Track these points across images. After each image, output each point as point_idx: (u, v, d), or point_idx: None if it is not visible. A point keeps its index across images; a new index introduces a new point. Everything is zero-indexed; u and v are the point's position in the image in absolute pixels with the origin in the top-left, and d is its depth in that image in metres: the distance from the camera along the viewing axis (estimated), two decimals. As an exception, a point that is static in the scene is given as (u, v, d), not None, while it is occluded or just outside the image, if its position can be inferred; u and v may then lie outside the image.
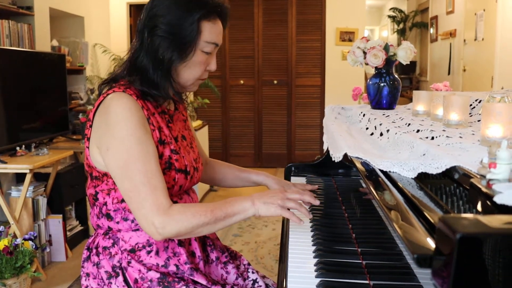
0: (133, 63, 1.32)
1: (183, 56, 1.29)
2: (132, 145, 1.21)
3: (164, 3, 1.29)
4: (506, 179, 0.83)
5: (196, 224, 1.20)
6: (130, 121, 1.22)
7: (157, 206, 1.18)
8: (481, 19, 5.76)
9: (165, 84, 1.30)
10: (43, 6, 3.94)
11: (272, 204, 1.26)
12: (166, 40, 1.27)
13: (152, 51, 1.28)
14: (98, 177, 1.32)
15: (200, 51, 1.31)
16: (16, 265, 2.70)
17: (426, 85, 8.13)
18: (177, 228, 1.18)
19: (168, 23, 1.27)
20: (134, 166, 1.20)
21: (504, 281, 0.61)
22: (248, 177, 1.67)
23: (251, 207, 1.25)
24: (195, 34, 1.28)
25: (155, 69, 1.28)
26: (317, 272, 1.17)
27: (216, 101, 6.15)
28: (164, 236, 1.19)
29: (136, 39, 1.33)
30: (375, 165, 1.18)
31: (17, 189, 3.12)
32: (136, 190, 1.19)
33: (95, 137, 1.28)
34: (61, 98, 3.82)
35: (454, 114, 1.34)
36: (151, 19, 1.29)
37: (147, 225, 1.19)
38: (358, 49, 1.90)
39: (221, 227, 1.24)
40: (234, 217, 1.24)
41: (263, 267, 3.22)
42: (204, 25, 1.29)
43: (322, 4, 6.02)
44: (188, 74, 1.33)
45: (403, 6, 10.08)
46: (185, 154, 1.37)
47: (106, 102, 1.26)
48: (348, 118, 2.02)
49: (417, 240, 0.76)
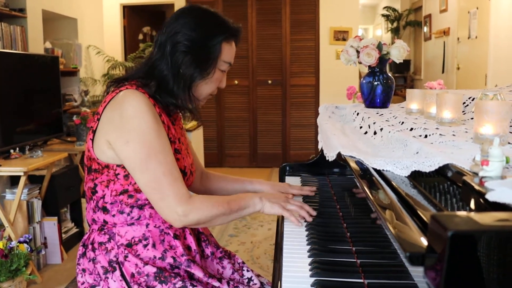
0: (151, 70, 1.38)
1: (204, 74, 1.38)
2: (153, 138, 1.27)
3: (190, 22, 1.37)
4: (498, 176, 0.84)
5: (215, 214, 1.32)
6: (148, 115, 1.28)
7: (179, 196, 1.27)
8: (474, 17, 5.78)
9: (183, 96, 1.37)
10: (35, 8, 3.92)
11: (276, 204, 1.42)
12: (189, 57, 1.35)
13: (175, 65, 1.35)
14: (97, 170, 1.34)
15: (218, 69, 1.40)
16: (11, 268, 2.69)
17: (420, 84, 8.15)
18: (198, 217, 1.29)
19: (193, 41, 1.35)
20: (156, 159, 1.27)
21: (496, 278, 0.61)
22: (243, 188, 1.72)
23: (259, 202, 1.41)
24: (218, 54, 1.38)
25: (175, 81, 1.35)
26: (311, 271, 1.17)
27: (210, 101, 6.12)
28: (185, 224, 1.29)
29: (157, 49, 1.39)
30: (368, 163, 1.18)
31: (11, 191, 3.11)
32: (158, 181, 1.26)
33: (105, 130, 1.32)
34: (55, 100, 3.81)
35: (447, 112, 1.35)
36: (175, 34, 1.36)
37: (170, 214, 1.27)
38: (351, 48, 1.90)
39: (233, 219, 1.39)
40: (245, 210, 1.39)
41: (259, 267, 3.22)
42: (224, 46, 1.39)
43: (315, 4, 6.03)
44: (205, 89, 1.42)
45: (397, 5, 10.10)
46: (185, 156, 1.43)
47: (120, 97, 1.31)
48: (342, 117, 2.03)
49: (410, 238, 0.77)
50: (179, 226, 1.30)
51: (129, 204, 1.32)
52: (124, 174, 1.31)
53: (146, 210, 1.34)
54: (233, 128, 6.35)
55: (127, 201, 1.32)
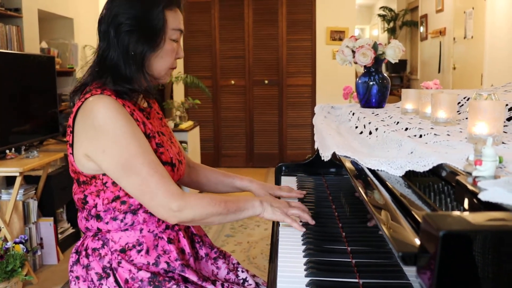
0: (102, 64, 1.34)
1: (154, 46, 1.33)
2: (129, 142, 1.24)
3: (124, 0, 1.32)
4: (491, 176, 0.84)
5: (211, 212, 1.28)
6: (119, 119, 1.24)
7: (170, 192, 1.24)
8: (470, 17, 5.79)
9: (139, 77, 1.33)
10: (31, 8, 3.91)
11: (277, 209, 1.38)
12: (135, 34, 1.30)
13: (122, 47, 1.31)
14: (86, 182, 1.32)
15: (169, 39, 1.35)
16: (7, 269, 2.68)
17: (416, 84, 8.16)
18: (193, 213, 1.26)
19: (134, 18, 1.31)
20: (137, 161, 1.23)
21: (488, 278, 0.61)
22: (232, 182, 1.69)
23: (259, 206, 1.36)
24: (162, 23, 1.33)
25: (126, 64, 1.31)
26: (307, 271, 1.17)
27: (207, 101, 6.14)
28: (180, 219, 1.26)
29: (101, 40, 1.35)
30: (363, 163, 1.18)
31: (7, 192, 3.10)
32: (145, 182, 1.23)
33: (81, 142, 1.28)
34: (51, 100, 3.80)
35: (442, 112, 1.35)
36: (115, 18, 1.31)
37: (164, 211, 1.24)
38: (347, 48, 1.90)
39: (230, 220, 1.34)
40: (244, 212, 1.34)
41: (256, 267, 3.22)
42: (167, 14, 1.34)
43: (312, 4, 6.03)
44: (161, 64, 1.37)
45: (393, 5, 10.11)
46: (168, 147, 1.39)
47: (87, 106, 1.27)
48: (338, 117, 2.03)
49: (403, 238, 0.77)
50: (174, 222, 1.27)
51: (122, 211, 1.31)
52: (112, 181, 1.29)
53: (139, 215, 1.32)
54: (229, 128, 6.35)
55: (120, 208, 1.30)
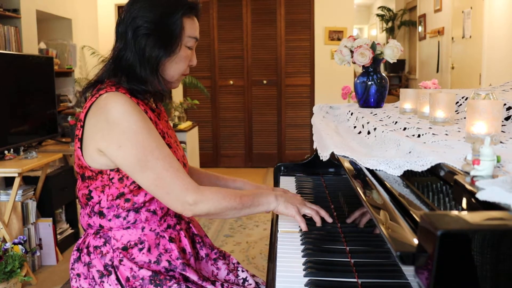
0: (117, 63, 1.35)
1: (170, 52, 1.34)
2: (145, 137, 1.25)
3: (145, 4, 1.34)
4: (489, 175, 0.84)
5: (225, 207, 1.30)
6: (135, 115, 1.26)
7: (186, 186, 1.26)
8: (469, 17, 5.80)
9: (153, 80, 1.34)
10: (29, 8, 3.91)
11: (292, 205, 1.38)
12: (152, 38, 1.32)
13: (139, 49, 1.32)
14: (91, 177, 1.33)
15: (184, 46, 1.37)
16: (6, 270, 2.68)
17: (415, 83, 8.17)
18: (208, 207, 1.28)
19: (152, 22, 1.32)
20: (153, 156, 1.25)
21: (486, 277, 0.62)
22: (225, 185, 1.68)
23: (274, 201, 1.38)
24: (180, 29, 1.34)
25: (141, 66, 1.33)
26: (305, 271, 1.17)
27: (205, 101, 6.14)
28: (195, 213, 1.28)
29: (118, 41, 1.37)
30: (361, 163, 1.18)
31: (6, 193, 3.09)
32: (161, 177, 1.25)
33: (92, 137, 1.29)
34: (50, 101, 3.80)
35: (440, 111, 1.35)
36: (134, 20, 1.33)
37: (180, 205, 1.27)
38: (345, 48, 1.90)
39: (245, 214, 1.36)
40: (258, 207, 1.36)
41: (255, 267, 3.22)
42: (185, 21, 1.36)
43: (310, 4, 6.03)
44: (174, 69, 1.39)
45: (392, 5, 10.13)
46: (175, 150, 1.41)
47: (101, 101, 1.28)
48: (336, 117, 2.03)
49: (401, 238, 0.77)
50: (189, 215, 1.29)
51: (126, 208, 1.32)
52: (118, 177, 1.30)
53: (142, 214, 1.33)
54: (228, 128, 6.35)
55: (123, 205, 1.31)
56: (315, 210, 1.42)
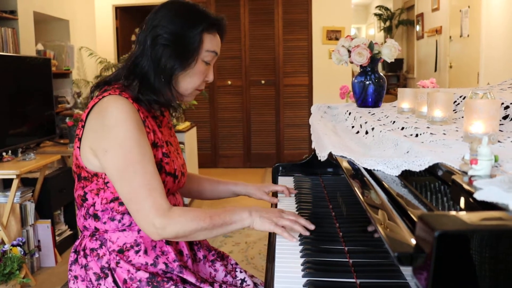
0: (132, 68, 1.35)
1: (185, 65, 1.33)
2: (131, 148, 1.23)
3: (168, 14, 1.34)
4: (487, 175, 0.84)
5: (195, 228, 1.24)
6: (129, 124, 1.25)
7: (156, 208, 1.21)
8: (466, 16, 5.80)
9: (165, 91, 1.34)
10: (27, 10, 3.91)
11: (267, 220, 1.32)
12: (169, 49, 1.31)
13: (155, 58, 1.32)
14: (87, 178, 1.33)
15: (201, 60, 1.36)
16: (5, 272, 2.68)
17: (413, 82, 8.16)
18: (176, 230, 1.23)
19: (172, 33, 1.32)
20: (133, 169, 1.23)
21: (484, 277, 0.61)
22: (227, 188, 1.68)
23: (248, 217, 1.31)
24: (198, 44, 1.33)
25: (156, 76, 1.32)
26: (304, 272, 1.17)
27: (204, 102, 6.14)
28: (163, 237, 1.24)
29: (137, 46, 1.37)
30: (359, 163, 1.18)
31: (4, 195, 3.09)
32: (135, 192, 1.22)
33: (89, 138, 1.29)
34: (47, 102, 3.79)
35: (438, 111, 1.35)
36: (154, 29, 1.33)
37: (147, 226, 1.22)
38: (343, 47, 1.90)
39: (217, 234, 1.29)
40: (231, 225, 1.30)
41: (254, 268, 3.22)
42: (205, 37, 1.35)
43: (308, 3, 6.03)
44: (188, 83, 1.37)
45: (389, 4, 10.12)
46: (174, 159, 1.40)
47: (103, 104, 1.28)
48: (334, 117, 2.03)
49: (398, 238, 0.77)
50: (156, 239, 1.25)
51: (120, 212, 1.31)
52: None
53: None
54: (226, 129, 6.34)
55: (118, 209, 1.31)
56: (294, 220, 1.34)
